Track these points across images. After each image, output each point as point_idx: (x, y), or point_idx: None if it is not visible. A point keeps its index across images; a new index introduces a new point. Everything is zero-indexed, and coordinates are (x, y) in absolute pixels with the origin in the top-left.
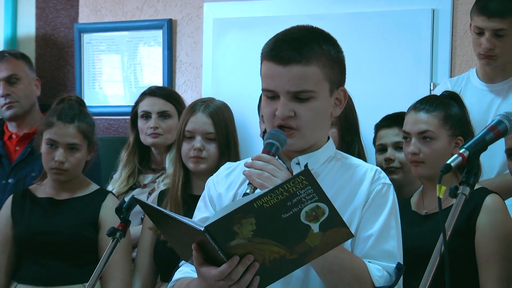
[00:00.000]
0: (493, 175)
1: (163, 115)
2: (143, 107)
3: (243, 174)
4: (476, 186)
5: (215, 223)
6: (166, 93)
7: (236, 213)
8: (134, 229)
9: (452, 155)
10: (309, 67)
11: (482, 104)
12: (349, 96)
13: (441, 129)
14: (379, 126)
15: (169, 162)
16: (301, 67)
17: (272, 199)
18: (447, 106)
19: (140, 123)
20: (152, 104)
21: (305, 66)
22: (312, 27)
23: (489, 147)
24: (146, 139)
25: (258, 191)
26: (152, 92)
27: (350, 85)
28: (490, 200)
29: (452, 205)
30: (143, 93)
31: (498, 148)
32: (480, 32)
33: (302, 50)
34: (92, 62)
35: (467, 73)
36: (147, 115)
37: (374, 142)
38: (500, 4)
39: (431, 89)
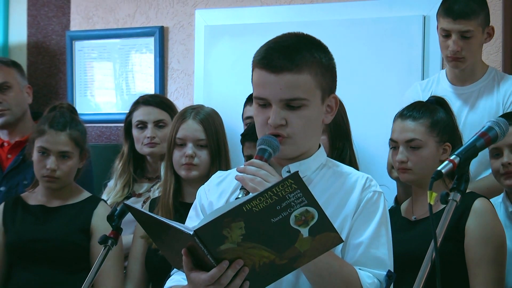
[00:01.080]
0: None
1: (158, 124)
2: (138, 116)
3: (236, 179)
4: None
5: (205, 227)
6: (160, 101)
7: (225, 217)
8: (126, 238)
9: (441, 161)
10: (301, 75)
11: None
12: (340, 102)
13: (428, 137)
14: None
15: (164, 170)
16: (293, 75)
17: (261, 202)
18: (433, 113)
19: (136, 132)
20: (148, 114)
21: (297, 74)
22: (303, 34)
23: None
24: (142, 149)
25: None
26: (146, 101)
27: (342, 92)
28: (478, 203)
29: (440, 210)
30: (136, 102)
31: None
32: (446, 34)
33: (293, 58)
34: (84, 69)
35: (437, 75)
36: (142, 125)
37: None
38: (465, 6)
39: None
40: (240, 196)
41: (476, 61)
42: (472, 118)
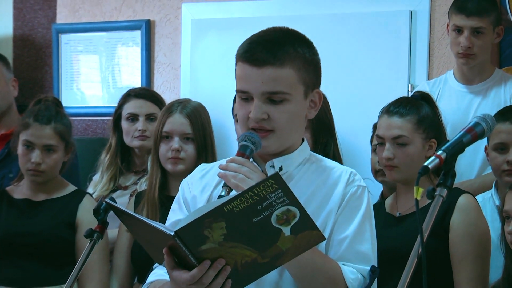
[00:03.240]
0: (473, 173)
1: (150, 117)
2: (129, 109)
3: (218, 176)
4: None
5: (185, 227)
6: (151, 95)
7: (206, 218)
8: (112, 231)
9: (426, 158)
10: (283, 69)
11: (461, 105)
12: (324, 97)
13: (414, 133)
14: (376, 126)
15: (150, 164)
16: (275, 69)
17: (242, 203)
18: (420, 109)
19: (126, 125)
20: (139, 107)
21: (279, 68)
22: (287, 29)
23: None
24: (133, 142)
25: (233, 193)
26: (138, 94)
27: (328, 87)
28: (463, 200)
29: (425, 206)
30: (127, 95)
31: (479, 146)
32: (458, 30)
33: (276, 52)
34: (70, 62)
35: (444, 76)
36: (134, 117)
37: (371, 142)
38: (478, 4)
39: (409, 90)
40: (223, 193)
41: (485, 59)
42: (485, 107)
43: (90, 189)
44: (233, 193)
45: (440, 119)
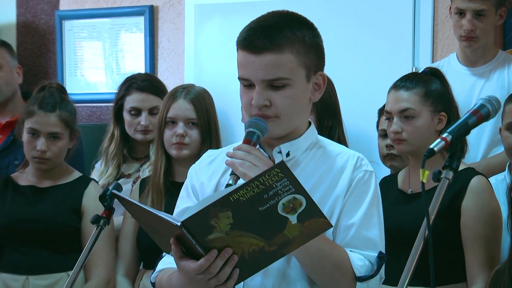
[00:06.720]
0: (478, 156)
1: (152, 111)
2: (132, 102)
3: (226, 164)
4: (463, 166)
5: (192, 217)
6: (153, 86)
7: (212, 207)
8: (116, 219)
9: (436, 131)
10: (282, 55)
11: (465, 87)
12: (329, 80)
13: (422, 106)
14: (381, 111)
15: (153, 150)
16: (274, 55)
17: (248, 192)
18: (427, 83)
19: (129, 117)
20: (142, 101)
21: (278, 54)
22: (287, 12)
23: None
24: (135, 135)
25: (240, 181)
26: (140, 87)
27: (332, 70)
28: (475, 181)
29: (436, 186)
30: (129, 86)
31: (484, 127)
32: (461, 13)
33: (274, 38)
34: (73, 49)
35: (447, 58)
36: (136, 111)
37: (377, 127)
38: None
39: None
40: (230, 182)
41: (488, 42)
42: (488, 89)
43: (94, 177)
44: (241, 181)
45: (451, 94)
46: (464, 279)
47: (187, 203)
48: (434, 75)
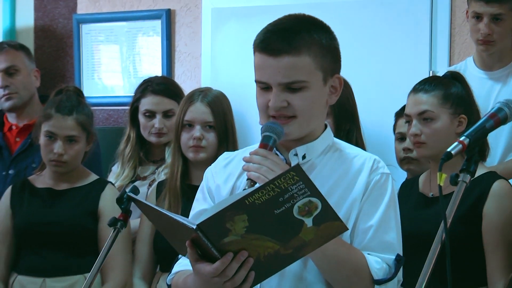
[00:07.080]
0: (496, 158)
1: (167, 114)
2: (146, 105)
3: (243, 169)
4: (485, 170)
5: (207, 221)
6: (168, 89)
7: (227, 211)
8: (133, 222)
9: (456, 134)
10: (300, 57)
11: (481, 91)
12: (346, 83)
13: (441, 108)
14: (398, 114)
15: (169, 153)
16: (291, 57)
17: (263, 195)
18: (447, 85)
19: (143, 120)
20: (156, 103)
21: (296, 56)
22: (304, 15)
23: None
24: (150, 137)
25: (257, 186)
26: (155, 90)
27: (349, 73)
28: (497, 186)
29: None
30: (144, 89)
31: (501, 130)
32: (478, 17)
33: (292, 41)
34: (91, 52)
35: (464, 62)
36: (151, 114)
37: (394, 130)
38: None
39: None
40: (246, 187)
41: (505, 46)
42: (505, 93)
43: (110, 180)
44: (257, 186)
45: (472, 97)
46: (485, 284)
47: (203, 206)
48: (454, 78)
